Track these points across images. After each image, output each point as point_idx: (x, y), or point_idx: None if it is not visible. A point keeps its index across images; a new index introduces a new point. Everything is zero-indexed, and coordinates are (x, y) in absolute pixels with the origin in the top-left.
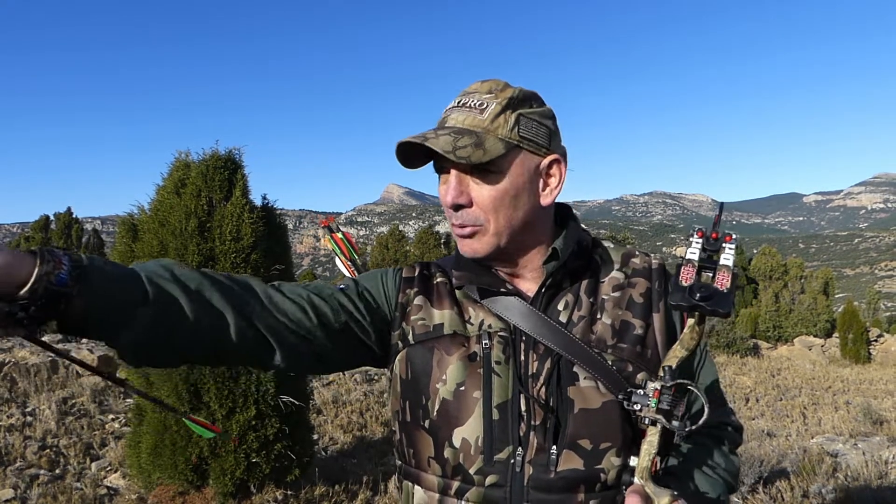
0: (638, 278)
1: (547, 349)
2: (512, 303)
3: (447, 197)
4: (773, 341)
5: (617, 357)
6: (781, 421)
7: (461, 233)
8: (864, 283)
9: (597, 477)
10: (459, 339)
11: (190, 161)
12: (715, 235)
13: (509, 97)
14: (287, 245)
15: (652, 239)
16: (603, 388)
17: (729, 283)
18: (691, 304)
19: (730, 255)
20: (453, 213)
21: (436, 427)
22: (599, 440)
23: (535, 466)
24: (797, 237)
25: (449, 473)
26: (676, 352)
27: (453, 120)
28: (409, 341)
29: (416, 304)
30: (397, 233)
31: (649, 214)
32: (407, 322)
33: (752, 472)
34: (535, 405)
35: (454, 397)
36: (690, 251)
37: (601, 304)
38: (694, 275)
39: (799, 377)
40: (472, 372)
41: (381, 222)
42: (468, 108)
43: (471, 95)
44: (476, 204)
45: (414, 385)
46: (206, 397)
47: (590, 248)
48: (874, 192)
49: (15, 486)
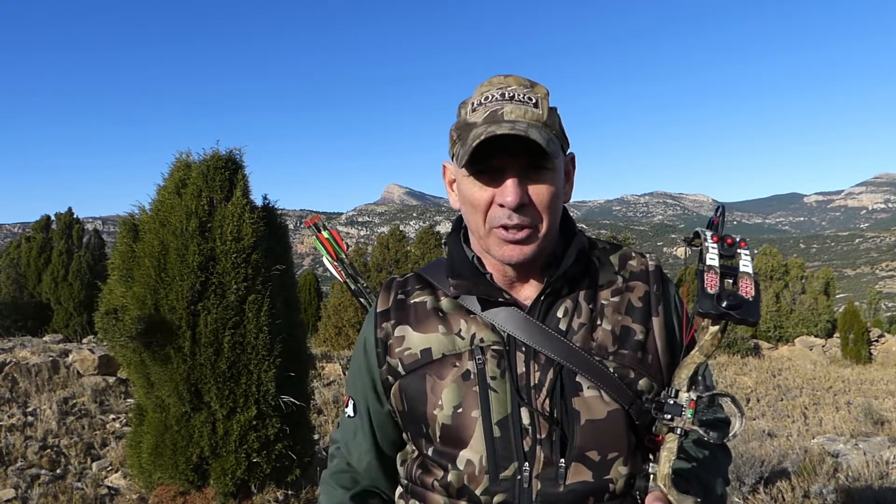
0: (636, 282)
1: (548, 359)
2: (510, 313)
3: (510, 196)
4: (774, 341)
5: (619, 364)
6: (782, 421)
7: (517, 237)
8: (864, 284)
9: (605, 488)
10: (450, 359)
11: (191, 161)
12: (730, 241)
13: (546, 92)
14: (288, 245)
15: (653, 239)
16: (607, 396)
17: (753, 290)
18: (720, 312)
19: (748, 262)
20: (512, 213)
21: (440, 453)
22: (607, 451)
23: (543, 481)
24: (798, 237)
25: (455, 495)
26: (695, 358)
27: (514, 114)
28: (400, 373)
29: (398, 336)
30: (398, 233)
31: (650, 215)
32: (391, 356)
33: (753, 472)
34: (539, 418)
35: (453, 420)
36: (710, 257)
37: (601, 310)
38: (718, 281)
39: (800, 377)
40: (468, 391)
41: (382, 222)
42: (522, 102)
43: (511, 88)
44: (535, 204)
45: (412, 416)
46: (207, 397)
47: (587, 251)
48: (875, 192)
49: (16, 485)
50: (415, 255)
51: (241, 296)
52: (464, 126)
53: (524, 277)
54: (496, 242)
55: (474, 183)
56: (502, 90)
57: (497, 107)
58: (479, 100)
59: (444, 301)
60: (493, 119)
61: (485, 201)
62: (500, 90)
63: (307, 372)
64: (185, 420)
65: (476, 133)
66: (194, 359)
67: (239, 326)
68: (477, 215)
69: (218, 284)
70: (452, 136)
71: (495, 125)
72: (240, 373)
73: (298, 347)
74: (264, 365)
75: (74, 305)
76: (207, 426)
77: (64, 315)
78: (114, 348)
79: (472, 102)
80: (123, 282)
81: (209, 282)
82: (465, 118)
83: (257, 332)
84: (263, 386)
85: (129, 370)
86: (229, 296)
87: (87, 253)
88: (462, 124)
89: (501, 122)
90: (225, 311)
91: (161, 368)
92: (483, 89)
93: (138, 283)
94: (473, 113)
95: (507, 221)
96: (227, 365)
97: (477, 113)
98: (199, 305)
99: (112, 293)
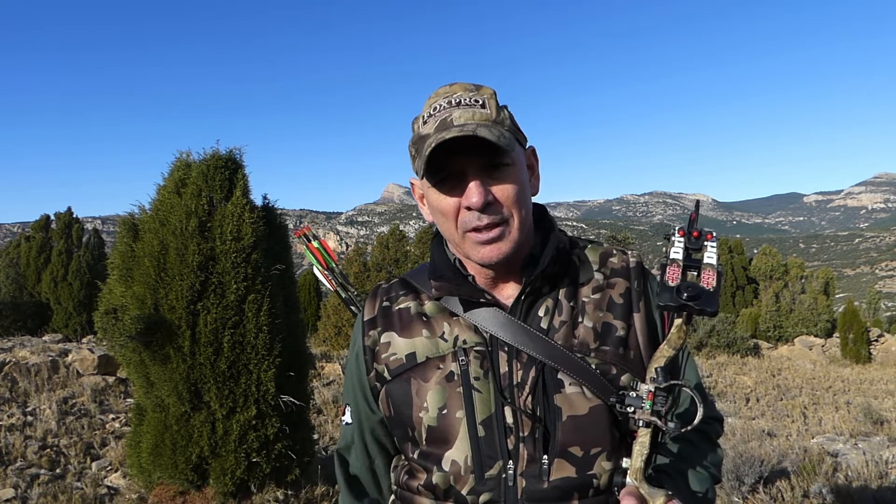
0: (617, 278)
1: (530, 358)
2: (491, 313)
3: (475, 197)
4: (774, 341)
5: (600, 360)
6: (782, 421)
7: (489, 236)
8: (864, 283)
9: (589, 483)
10: (434, 362)
11: (191, 161)
12: (696, 234)
13: (492, 92)
14: (288, 245)
15: (652, 239)
16: (589, 393)
17: (715, 281)
18: (679, 304)
19: (713, 254)
20: (481, 214)
21: (425, 455)
22: (589, 446)
23: (527, 478)
24: (798, 237)
25: (441, 496)
26: (664, 351)
27: (463, 117)
28: (386, 378)
29: (384, 343)
30: (398, 233)
31: (650, 214)
32: (378, 362)
33: (753, 472)
34: (522, 416)
35: (438, 422)
36: (674, 250)
37: (582, 308)
38: (680, 274)
39: (799, 377)
40: (452, 392)
41: (382, 222)
42: (469, 105)
43: (457, 95)
44: (500, 201)
45: (398, 419)
46: (207, 397)
47: (567, 249)
48: (875, 192)
49: (15, 485)
50: (414, 254)
51: (241, 295)
52: (418, 139)
53: (505, 278)
54: (472, 247)
55: (439, 192)
56: (448, 98)
57: (446, 114)
58: (429, 111)
59: (428, 304)
60: (443, 126)
61: (452, 208)
62: (446, 98)
63: (307, 372)
64: (184, 420)
65: (428, 143)
66: (194, 358)
67: (239, 326)
68: (448, 223)
69: (218, 284)
70: (411, 151)
71: (446, 131)
72: (239, 372)
73: (298, 347)
74: (264, 365)
75: (74, 305)
76: (207, 426)
77: (63, 315)
78: (113, 348)
79: (423, 116)
80: (123, 281)
81: (209, 281)
82: (419, 132)
83: (257, 331)
84: (263, 386)
85: (128, 370)
86: (229, 295)
87: (86, 252)
88: (417, 138)
89: (451, 127)
90: (225, 310)
91: (161, 368)
92: (431, 101)
93: (138, 282)
94: (425, 125)
95: (478, 223)
96: (226, 364)
97: (428, 124)
98: (199, 305)
99: (112, 293)
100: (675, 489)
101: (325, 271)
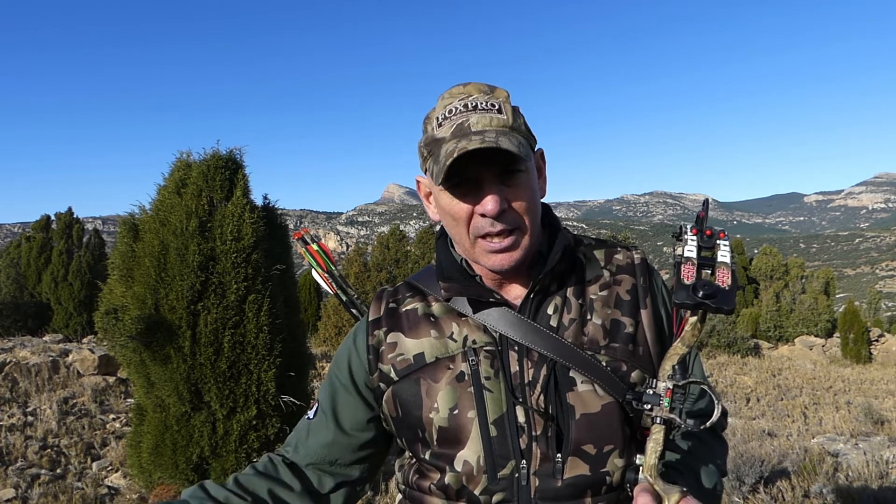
0: (623, 275)
1: (541, 356)
2: (501, 313)
3: (489, 206)
4: (774, 341)
5: (611, 357)
6: (782, 421)
7: (502, 245)
8: (864, 283)
9: (602, 480)
10: (444, 362)
11: (191, 161)
12: (709, 232)
13: (506, 95)
14: (288, 245)
15: (653, 239)
16: (600, 390)
17: (730, 279)
18: (696, 302)
19: (727, 252)
20: (494, 221)
21: (437, 456)
22: (603, 443)
23: (540, 477)
24: (798, 237)
25: (453, 497)
26: (677, 349)
27: (480, 123)
28: (393, 379)
29: (390, 343)
30: (398, 233)
31: (650, 214)
32: (383, 362)
33: (753, 471)
34: (534, 415)
35: (449, 423)
36: (688, 249)
37: (590, 305)
38: (695, 272)
39: (800, 377)
40: (463, 392)
41: (382, 222)
42: (486, 110)
43: (472, 98)
44: (514, 208)
45: (406, 421)
46: (207, 397)
47: (573, 247)
48: (875, 191)
49: (16, 485)
50: (415, 254)
51: (241, 295)
52: (433, 142)
53: (512, 277)
54: (483, 254)
55: (451, 197)
56: (464, 101)
57: (462, 119)
58: (444, 113)
59: (436, 306)
60: (461, 132)
61: (465, 213)
62: (462, 101)
63: (307, 372)
64: (185, 420)
65: (448, 150)
66: (194, 358)
67: (239, 326)
68: (459, 227)
69: (218, 284)
70: (423, 151)
71: (465, 140)
72: (240, 372)
73: (298, 347)
74: (264, 365)
75: (74, 305)
76: (207, 426)
77: (64, 315)
78: (114, 348)
79: (437, 117)
80: (123, 281)
81: (209, 281)
82: (433, 134)
83: (257, 331)
84: (263, 386)
85: (129, 370)
86: (229, 295)
87: (86, 253)
88: (430, 140)
89: (470, 134)
90: (225, 310)
91: (161, 368)
92: (445, 102)
93: (138, 282)
94: (440, 128)
95: (491, 229)
96: (227, 365)
97: (444, 127)
98: (200, 305)
99: (112, 293)
100: (688, 485)
101: (325, 274)
